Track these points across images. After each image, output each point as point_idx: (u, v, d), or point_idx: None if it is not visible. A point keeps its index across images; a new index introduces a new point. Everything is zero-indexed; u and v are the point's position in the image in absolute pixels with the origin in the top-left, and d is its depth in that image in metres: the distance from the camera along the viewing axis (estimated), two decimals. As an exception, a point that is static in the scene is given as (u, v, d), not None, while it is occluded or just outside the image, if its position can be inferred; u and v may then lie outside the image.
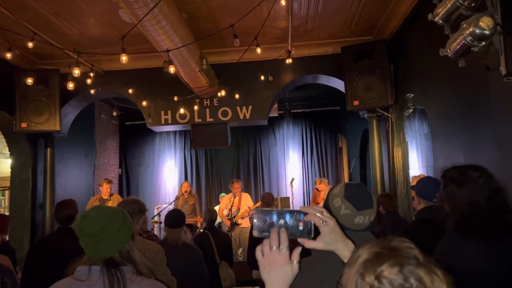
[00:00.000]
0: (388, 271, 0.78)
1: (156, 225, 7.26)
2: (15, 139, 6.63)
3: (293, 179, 8.81)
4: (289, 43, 5.88)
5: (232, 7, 5.04)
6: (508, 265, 1.60)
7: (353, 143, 9.47)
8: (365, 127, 7.26)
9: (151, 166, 10.48)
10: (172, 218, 3.39)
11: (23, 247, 6.28)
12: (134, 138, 10.40)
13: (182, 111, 6.64)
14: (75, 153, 8.05)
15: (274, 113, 8.71)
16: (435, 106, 4.65)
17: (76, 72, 3.96)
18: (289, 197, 8.15)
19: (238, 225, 6.80)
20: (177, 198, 7.34)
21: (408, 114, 6.10)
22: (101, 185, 6.74)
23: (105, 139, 9.31)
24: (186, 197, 7.28)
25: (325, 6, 5.33)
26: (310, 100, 9.80)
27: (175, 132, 10.35)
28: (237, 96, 6.53)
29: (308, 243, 1.12)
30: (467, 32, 2.47)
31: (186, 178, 10.05)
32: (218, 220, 7.67)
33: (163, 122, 6.84)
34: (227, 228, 6.89)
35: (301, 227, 1.10)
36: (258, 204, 7.55)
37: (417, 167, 6.78)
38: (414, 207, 4.96)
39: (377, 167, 6.14)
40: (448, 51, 2.74)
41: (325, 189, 7.63)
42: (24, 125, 6.34)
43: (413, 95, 5.40)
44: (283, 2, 4.27)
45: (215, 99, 6.72)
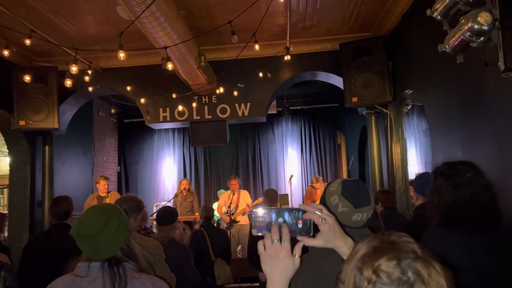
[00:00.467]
0: (386, 264, 0.77)
1: (155, 222, 7.26)
2: (13, 137, 6.62)
3: (291, 176, 8.81)
4: (288, 39, 5.86)
5: (230, 3, 5.02)
6: (490, 260, 1.60)
7: (352, 140, 9.48)
8: (363, 124, 7.26)
9: (149, 163, 10.48)
10: (162, 216, 3.38)
11: (21, 245, 6.20)
12: (133, 136, 10.39)
13: (180, 108, 6.63)
14: (73, 151, 8.04)
15: (272, 110, 8.70)
16: (434, 102, 4.65)
17: (74, 69, 3.94)
18: (288, 194, 8.17)
19: (236, 222, 6.81)
20: (176, 196, 7.34)
21: (406, 110, 6.11)
22: (98, 183, 6.74)
23: (103, 136, 9.30)
24: (185, 194, 7.28)
25: (323, 2, 5.32)
26: (308, 97, 9.81)
27: (173, 129, 10.35)
28: (235, 93, 6.52)
29: (308, 241, 1.11)
30: (466, 27, 2.46)
31: (185, 176, 10.06)
32: (218, 217, 7.68)
33: (161, 119, 6.83)
34: (225, 225, 6.90)
35: (300, 225, 1.10)
36: (257, 201, 7.57)
37: (415, 164, 6.79)
38: (413, 203, 4.98)
39: (375, 163, 6.15)
40: (447, 46, 2.73)
41: (322, 187, 7.63)
42: (22, 123, 6.32)
43: (411, 91, 5.40)
44: (281, -2, 4.26)
45: (213, 96, 6.71)
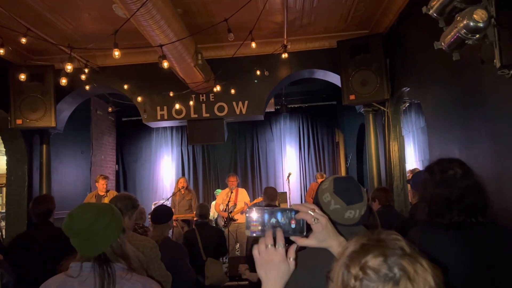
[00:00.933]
0: (372, 261, 0.78)
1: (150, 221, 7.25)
2: (10, 136, 6.60)
3: (290, 174, 8.82)
4: (285, 37, 5.85)
5: (227, 1, 5.00)
6: (472, 260, 1.58)
7: (350, 138, 9.48)
8: (361, 122, 7.26)
9: (148, 162, 10.47)
10: (157, 215, 3.38)
11: (19, 244, 6.28)
12: (131, 134, 10.38)
13: (178, 106, 6.61)
14: (71, 149, 8.03)
15: (270, 108, 8.70)
16: (431, 99, 4.64)
17: (69, 67, 3.93)
18: (286, 192, 8.17)
19: (234, 220, 6.80)
20: (174, 194, 7.33)
21: (404, 108, 6.10)
22: (97, 182, 6.74)
23: (101, 135, 9.28)
24: (183, 192, 7.27)
25: (320, 0, 5.30)
26: (306, 95, 9.80)
27: (171, 127, 10.34)
28: (233, 91, 6.51)
29: (301, 241, 1.12)
30: (461, 25, 2.45)
31: (183, 174, 10.05)
32: (215, 215, 7.68)
33: (159, 117, 6.82)
34: (223, 223, 6.89)
35: (293, 225, 1.10)
36: (256, 201, 7.56)
37: (413, 161, 6.79)
38: (410, 201, 4.98)
39: (373, 161, 6.15)
40: (442, 44, 2.72)
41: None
42: (19, 121, 6.30)
43: (409, 89, 5.39)
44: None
45: (211, 94, 6.69)
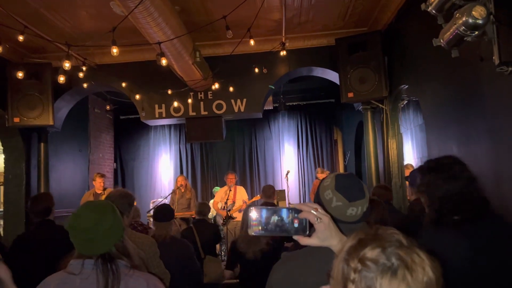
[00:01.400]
0: (370, 253, 0.80)
1: (151, 219, 7.25)
2: (8, 134, 6.57)
3: (288, 172, 8.82)
4: (283, 35, 5.84)
5: (225, -2, 4.99)
6: (483, 255, 1.58)
7: (348, 135, 9.49)
8: (360, 119, 7.26)
9: (146, 160, 10.45)
10: (161, 212, 3.37)
11: (18, 242, 6.26)
12: (129, 132, 10.36)
13: (176, 104, 6.60)
14: (69, 147, 8.01)
15: (269, 106, 8.68)
16: (429, 97, 4.65)
17: (67, 65, 3.91)
18: (284, 190, 8.16)
19: (233, 218, 6.80)
20: (173, 192, 7.33)
21: (402, 105, 6.10)
22: (94, 180, 6.74)
23: (99, 133, 9.26)
24: (182, 190, 7.27)
25: (319, -3, 5.29)
26: (305, 93, 9.80)
27: (169, 125, 10.31)
28: (231, 89, 6.50)
29: (303, 240, 1.13)
30: (460, 21, 2.45)
31: (181, 172, 10.04)
32: (214, 213, 7.68)
33: (157, 115, 6.80)
34: (222, 221, 6.89)
35: (296, 224, 1.11)
36: (255, 199, 7.56)
37: (412, 158, 6.80)
38: (408, 198, 4.99)
39: (372, 158, 6.15)
40: (441, 41, 2.72)
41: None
42: (16, 120, 6.27)
43: (407, 86, 5.39)
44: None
45: (209, 92, 6.68)
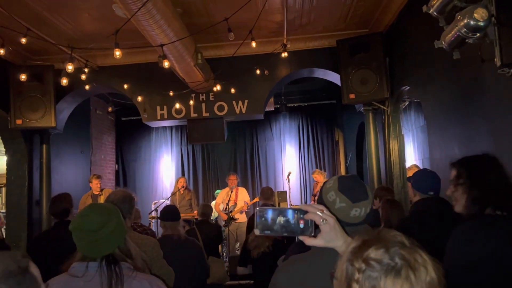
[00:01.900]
0: (374, 253, 0.82)
1: (153, 220, 7.26)
2: (10, 136, 6.59)
3: (289, 173, 8.81)
4: (285, 36, 5.85)
5: (226, 1, 5.00)
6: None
7: (350, 137, 9.49)
8: (361, 121, 7.27)
9: (147, 161, 10.46)
10: (168, 212, 3.39)
11: (20, 244, 6.28)
12: (131, 134, 10.37)
13: (177, 106, 6.61)
14: (71, 149, 8.03)
15: (270, 107, 8.69)
16: (431, 98, 4.65)
17: (70, 67, 3.93)
18: (286, 191, 8.16)
19: (235, 219, 6.81)
20: (173, 194, 7.34)
21: (404, 106, 6.11)
22: (90, 182, 6.75)
23: (101, 134, 9.28)
24: (182, 192, 7.28)
25: (320, -1, 5.30)
26: (306, 94, 9.81)
27: (171, 127, 10.32)
28: (232, 91, 6.51)
29: (309, 241, 1.15)
30: (462, 23, 2.46)
31: (183, 173, 10.05)
32: (215, 215, 7.69)
33: (159, 117, 6.82)
34: (223, 223, 6.90)
35: (302, 225, 1.13)
36: (256, 200, 7.57)
37: (413, 160, 6.80)
38: (410, 199, 4.98)
39: (373, 160, 6.15)
40: (443, 43, 2.73)
41: (322, 181, 7.62)
42: (19, 121, 6.30)
43: (408, 88, 5.40)
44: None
45: (211, 93, 6.69)
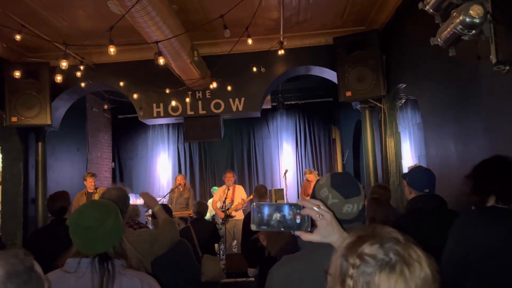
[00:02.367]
0: (369, 248, 0.81)
1: (150, 218, 7.25)
2: (5, 133, 6.55)
3: (286, 171, 8.82)
4: (281, 34, 5.83)
5: (223, -3, 4.98)
6: None
7: (346, 134, 9.49)
8: (358, 118, 7.26)
9: (144, 159, 10.44)
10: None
11: (16, 242, 6.26)
12: (127, 132, 10.34)
13: (174, 103, 6.59)
14: (67, 147, 7.99)
15: (267, 105, 8.68)
16: (427, 96, 4.66)
17: (64, 64, 3.90)
18: (283, 189, 8.16)
19: (232, 217, 6.81)
20: (171, 191, 7.32)
21: (400, 104, 6.11)
22: (85, 180, 6.71)
23: (97, 132, 9.25)
24: (181, 190, 7.27)
25: (316, -4, 5.29)
26: (303, 92, 9.80)
27: (167, 125, 10.30)
28: (229, 88, 6.49)
29: (305, 236, 1.15)
30: (457, 20, 2.46)
31: (180, 171, 10.03)
32: (212, 213, 7.69)
33: (155, 115, 6.79)
34: (221, 220, 6.90)
35: (298, 220, 1.13)
36: (251, 197, 7.57)
37: (410, 157, 6.80)
38: (406, 197, 4.99)
39: (370, 157, 6.16)
40: (439, 40, 2.73)
41: (315, 180, 7.63)
42: (14, 119, 6.26)
43: (405, 85, 5.40)
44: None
45: (207, 91, 6.67)
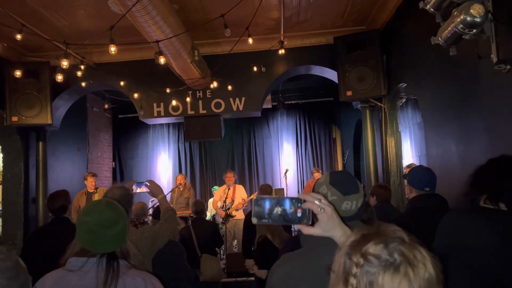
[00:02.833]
0: (373, 248, 0.81)
1: (151, 217, 7.24)
2: (6, 133, 6.55)
3: (287, 170, 8.82)
4: (282, 33, 5.83)
5: (223, -3, 4.98)
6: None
7: (347, 134, 9.49)
8: (358, 118, 7.26)
9: (145, 159, 10.44)
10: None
11: (16, 241, 6.26)
12: (127, 131, 10.34)
13: (174, 103, 6.59)
14: (67, 146, 7.99)
15: (267, 105, 8.68)
16: (427, 95, 4.65)
17: (65, 64, 3.90)
18: (283, 189, 8.17)
19: (232, 217, 6.81)
20: (172, 191, 7.33)
21: (401, 104, 6.11)
22: (85, 179, 6.72)
23: (98, 132, 9.25)
24: (181, 189, 7.27)
25: (317, -4, 5.29)
26: (303, 91, 9.80)
27: (168, 124, 10.30)
28: (229, 88, 6.49)
29: (306, 230, 1.14)
30: (458, 19, 2.45)
31: (180, 171, 10.03)
32: (213, 212, 7.69)
33: (155, 114, 6.79)
34: (221, 220, 6.89)
35: (299, 214, 1.13)
36: (252, 196, 7.57)
37: (410, 157, 6.81)
38: (407, 196, 4.99)
39: (370, 157, 6.16)
40: (440, 39, 2.72)
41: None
42: (15, 118, 6.26)
43: (405, 85, 5.40)
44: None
45: (207, 90, 6.67)
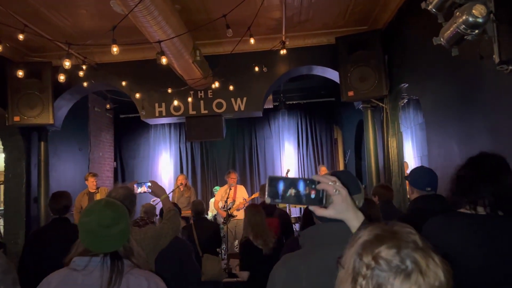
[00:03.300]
0: (386, 252, 0.80)
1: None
2: (8, 133, 6.57)
3: (288, 171, 8.81)
4: (283, 33, 5.84)
5: (225, -3, 4.98)
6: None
7: (348, 134, 9.48)
8: (360, 118, 7.26)
9: (146, 159, 10.45)
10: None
11: (18, 241, 6.28)
12: (129, 131, 10.35)
13: (176, 103, 6.60)
14: (69, 146, 8.01)
15: (269, 105, 8.68)
16: (429, 95, 4.65)
17: (67, 64, 3.91)
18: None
19: (233, 217, 6.81)
20: (173, 191, 7.33)
21: (402, 104, 6.10)
22: (86, 180, 6.73)
23: (99, 132, 9.26)
24: (182, 189, 7.28)
25: (319, -4, 5.29)
26: (305, 91, 9.78)
27: (169, 124, 10.31)
28: (231, 88, 6.49)
29: (320, 211, 1.15)
30: (460, 20, 2.45)
31: (181, 171, 10.04)
32: (214, 212, 7.69)
33: (157, 114, 6.80)
34: (222, 220, 6.90)
35: (313, 195, 1.13)
36: (254, 196, 7.58)
37: (412, 157, 6.80)
38: (409, 196, 4.99)
39: (372, 157, 6.15)
40: (442, 39, 2.72)
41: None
42: (17, 118, 6.27)
43: (407, 85, 5.39)
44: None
45: (209, 91, 6.67)
